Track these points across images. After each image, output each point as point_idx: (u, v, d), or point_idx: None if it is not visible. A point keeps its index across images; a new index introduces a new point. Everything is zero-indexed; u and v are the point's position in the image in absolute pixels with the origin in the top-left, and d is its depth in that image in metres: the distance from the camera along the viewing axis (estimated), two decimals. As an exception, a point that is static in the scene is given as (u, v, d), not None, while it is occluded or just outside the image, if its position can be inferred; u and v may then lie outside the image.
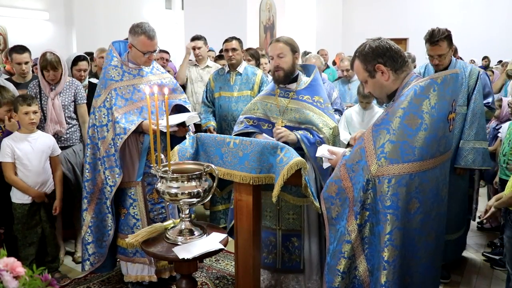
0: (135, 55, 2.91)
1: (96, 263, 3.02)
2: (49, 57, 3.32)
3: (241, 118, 2.95)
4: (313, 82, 2.85)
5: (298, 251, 2.84)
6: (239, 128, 2.89)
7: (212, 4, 7.90)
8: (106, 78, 2.89)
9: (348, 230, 1.86)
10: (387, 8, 12.44)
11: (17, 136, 3.08)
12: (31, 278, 1.13)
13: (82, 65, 3.87)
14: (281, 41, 2.79)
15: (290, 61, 2.77)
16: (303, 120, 2.74)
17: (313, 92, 2.81)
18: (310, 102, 2.78)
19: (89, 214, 2.98)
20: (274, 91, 2.88)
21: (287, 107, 2.80)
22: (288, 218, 2.86)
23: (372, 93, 2.04)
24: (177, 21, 12.38)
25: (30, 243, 3.14)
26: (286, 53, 2.75)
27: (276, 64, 2.78)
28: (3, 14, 8.67)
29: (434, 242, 1.93)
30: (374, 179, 1.79)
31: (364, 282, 1.88)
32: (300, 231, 2.83)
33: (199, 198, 2.13)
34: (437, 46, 3.09)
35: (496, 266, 3.57)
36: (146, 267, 3.06)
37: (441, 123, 1.81)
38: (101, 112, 2.88)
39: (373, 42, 1.93)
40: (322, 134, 2.67)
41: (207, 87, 4.24)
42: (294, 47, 2.79)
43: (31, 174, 3.07)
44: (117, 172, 2.85)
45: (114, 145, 2.83)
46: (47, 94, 3.38)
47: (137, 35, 2.83)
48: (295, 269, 2.88)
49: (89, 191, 2.97)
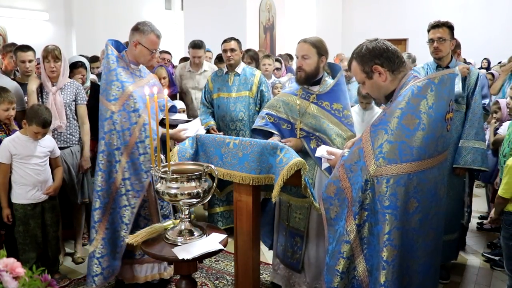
0: (139, 53, 2.86)
1: (109, 276, 2.91)
2: (51, 48, 3.36)
3: (263, 113, 2.96)
4: (335, 87, 2.80)
5: (299, 252, 2.86)
6: (260, 123, 2.93)
7: (212, 4, 7.91)
8: (121, 81, 2.80)
9: (347, 230, 1.87)
10: (386, 8, 12.44)
11: (19, 137, 3.08)
12: (31, 279, 1.13)
13: (79, 72, 3.79)
14: (308, 41, 2.74)
15: (314, 64, 2.74)
16: (317, 127, 2.76)
17: (333, 99, 2.77)
18: (328, 110, 2.76)
19: (103, 225, 2.86)
20: (297, 91, 2.88)
21: (306, 111, 2.80)
22: (295, 217, 2.88)
23: (370, 94, 2.05)
24: (176, 21, 12.40)
25: (30, 247, 3.10)
26: (311, 55, 2.72)
27: (299, 64, 2.76)
28: (2, 14, 8.67)
29: (433, 241, 1.94)
30: (373, 179, 1.80)
31: (363, 282, 1.88)
32: (303, 232, 2.85)
33: (199, 199, 2.13)
34: (439, 29, 3.15)
35: (496, 267, 3.57)
36: (156, 266, 3.06)
37: (439, 123, 1.81)
38: (121, 117, 2.78)
39: (370, 43, 1.94)
40: (333, 145, 2.66)
41: (206, 88, 4.23)
42: (321, 49, 2.74)
43: (32, 174, 3.07)
44: (144, 177, 2.81)
45: (139, 149, 2.78)
46: (49, 89, 3.38)
47: (147, 33, 2.82)
48: (294, 268, 2.90)
49: (103, 200, 2.85)
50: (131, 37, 2.88)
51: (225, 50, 4.08)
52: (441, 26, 3.15)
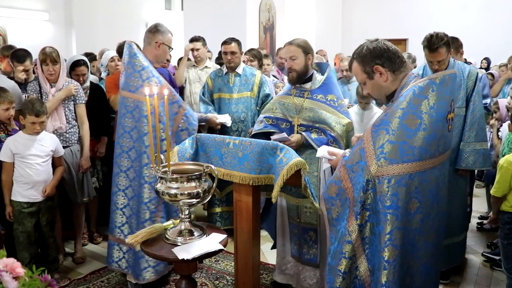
0: (163, 52, 3.06)
1: (162, 271, 2.99)
2: (48, 51, 3.35)
3: (261, 117, 3.09)
4: (327, 81, 2.95)
5: (316, 245, 2.90)
6: (259, 127, 3.03)
7: (212, 4, 7.90)
8: (157, 77, 2.91)
9: (349, 230, 1.87)
10: (386, 8, 12.43)
11: (21, 136, 3.09)
12: (31, 279, 1.13)
13: (81, 71, 3.78)
14: (293, 44, 2.90)
15: (303, 63, 2.89)
16: (316, 119, 2.85)
17: (326, 91, 2.91)
18: (324, 101, 2.89)
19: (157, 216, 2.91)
20: (291, 91, 3.01)
21: (302, 106, 2.92)
22: (306, 212, 2.91)
23: (371, 94, 2.04)
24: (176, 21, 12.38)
25: (24, 247, 3.08)
26: (298, 55, 2.87)
27: (289, 66, 2.91)
28: (2, 14, 8.67)
29: (434, 242, 1.94)
30: (374, 180, 1.79)
31: (365, 282, 1.88)
32: (316, 225, 2.88)
33: (199, 199, 2.13)
34: (436, 53, 3.08)
35: (496, 267, 3.57)
36: None
37: (440, 123, 1.81)
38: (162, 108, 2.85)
39: (371, 44, 1.94)
40: (334, 133, 2.77)
41: (205, 87, 4.17)
42: (307, 48, 2.90)
43: (32, 173, 3.07)
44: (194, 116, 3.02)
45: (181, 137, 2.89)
46: (47, 91, 3.37)
47: (166, 33, 3.06)
48: (312, 263, 2.93)
49: None
50: (152, 39, 3.03)
51: (225, 53, 4.05)
52: (438, 49, 3.04)
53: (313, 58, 2.98)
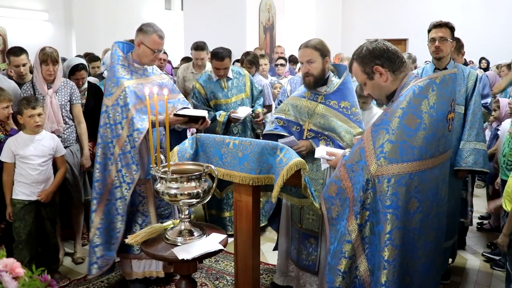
0: (142, 53, 2.96)
1: (104, 266, 2.99)
2: (49, 51, 3.34)
3: (273, 117, 3.00)
4: (342, 86, 2.83)
5: (315, 253, 2.86)
6: (270, 128, 2.95)
7: (212, 4, 7.90)
8: (117, 77, 2.90)
9: (349, 230, 1.87)
10: (386, 9, 12.43)
11: (21, 137, 3.10)
12: (31, 279, 1.13)
13: (80, 75, 3.75)
14: (309, 46, 2.75)
15: (320, 66, 2.76)
16: (326, 127, 2.79)
17: (340, 97, 2.81)
18: (336, 108, 2.79)
19: (98, 215, 2.96)
20: (305, 94, 2.90)
21: (314, 111, 2.83)
22: (308, 218, 2.88)
23: (371, 95, 2.05)
24: (176, 21, 12.40)
25: (25, 245, 3.08)
26: (315, 59, 2.74)
27: (305, 70, 2.78)
28: (2, 14, 8.68)
29: (434, 241, 1.94)
30: (374, 179, 1.79)
31: (365, 282, 1.88)
32: (317, 233, 2.84)
33: (199, 199, 2.13)
34: (441, 28, 3.15)
35: (496, 267, 3.57)
36: (153, 262, 3.08)
37: (440, 122, 1.81)
38: (115, 111, 2.88)
39: (370, 44, 1.94)
40: (343, 142, 2.69)
41: (197, 95, 3.99)
42: (324, 51, 2.76)
43: (33, 173, 3.08)
44: (134, 169, 2.86)
45: (130, 142, 2.85)
46: (44, 93, 3.36)
47: (149, 34, 2.93)
48: (310, 269, 2.89)
49: (99, 191, 2.95)
50: (136, 37, 2.99)
51: (217, 68, 3.89)
52: (443, 26, 3.15)
53: (330, 60, 2.84)
